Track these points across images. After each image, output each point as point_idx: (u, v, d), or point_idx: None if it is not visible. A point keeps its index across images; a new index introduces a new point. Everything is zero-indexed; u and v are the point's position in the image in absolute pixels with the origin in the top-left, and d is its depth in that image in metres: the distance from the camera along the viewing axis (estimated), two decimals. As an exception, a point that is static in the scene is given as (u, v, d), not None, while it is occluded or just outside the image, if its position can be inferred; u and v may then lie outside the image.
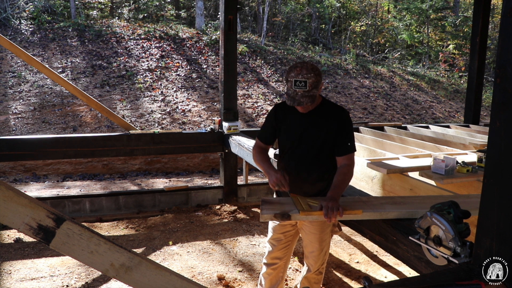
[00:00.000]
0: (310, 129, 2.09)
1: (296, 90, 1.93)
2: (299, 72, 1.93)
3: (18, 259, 3.33)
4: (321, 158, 2.12)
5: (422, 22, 15.72)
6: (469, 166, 2.57)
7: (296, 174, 2.13)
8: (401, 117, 9.37)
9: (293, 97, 1.94)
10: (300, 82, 1.92)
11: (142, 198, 4.57)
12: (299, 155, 2.12)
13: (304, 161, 2.12)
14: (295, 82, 1.92)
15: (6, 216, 0.95)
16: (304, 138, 2.10)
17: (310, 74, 1.93)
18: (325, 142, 2.08)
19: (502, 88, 1.17)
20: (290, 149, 2.15)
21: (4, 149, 3.97)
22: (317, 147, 2.09)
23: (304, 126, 2.10)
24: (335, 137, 2.08)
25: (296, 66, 1.96)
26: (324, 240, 2.24)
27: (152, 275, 1.04)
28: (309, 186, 2.14)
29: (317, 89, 1.99)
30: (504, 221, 1.19)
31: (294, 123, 2.13)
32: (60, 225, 0.98)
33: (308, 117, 2.09)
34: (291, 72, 1.95)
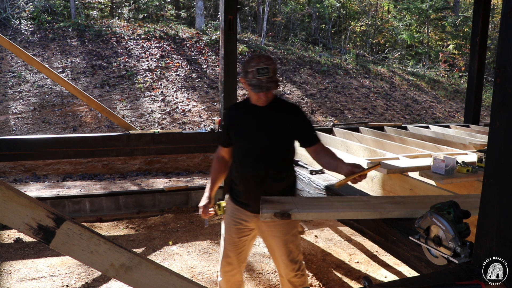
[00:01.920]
0: (266, 127, 2.03)
1: (260, 78, 1.88)
2: (260, 61, 1.90)
3: (18, 259, 3.33)
4: (279, 156, 2.07)
5: (422, 22, 15.72)
6: (469, 166, 2.57)
7: (254, 174, 2.06)
8: (401, 117, 9.37)
9: (259, 85, 1.89)
10: (262, 69, 1.88)
11: (142, 198, 4.57)
12: (256, 154, 2.05)
13: (261, 160, 2.04)
14: (258, 70, 1.87)
15: (6, 216, 0.95)
16: (260, 136, 2.04)
17: (270, 61, 1.91)
18: (282, 139, 2.05)
19: (502, 88, 1.17)
20: (246, 149, 2.07)
21: (4, 149, 3.97)
22: (274, 145, 2.04)
23: (259, 124, 2.05)
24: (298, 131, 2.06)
25: (253, 57, 1.93)
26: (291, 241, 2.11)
27: (152, 275, 1.04)
28: (267, 186, 2.06)
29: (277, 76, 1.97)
30: (504, 221, 1.19)
31: (248, 122, 2.07)
32: (60, 225, 0.98)
33: (263, 114, 2.04)
34: (250, 63, 1.91)
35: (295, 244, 2.13)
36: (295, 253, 2.12)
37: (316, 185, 2.61)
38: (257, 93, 1.93)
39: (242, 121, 2.09)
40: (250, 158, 2.06)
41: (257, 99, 2.00)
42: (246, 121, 2.07)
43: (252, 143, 2.05)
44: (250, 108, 2.07)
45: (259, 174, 2.04)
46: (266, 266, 3.29)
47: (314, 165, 3.46)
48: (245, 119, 2.08)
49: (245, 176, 2.08)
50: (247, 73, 1.92)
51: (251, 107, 2.07)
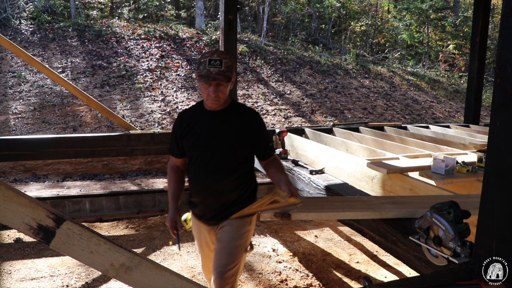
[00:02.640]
0: (221, 134, 1.86)
1: (210, 69, 1.71)
2: (213, 53, 1.76)
3: (18, 259, 3.33)
4: (236, 166, 1.89)
5: (422, 22, 15.71)
6: (469, 166, 2.57)
7: (208, 184, 1.89)
8: (401, 117, 9.37)
9: (207, 75, 1.72)
10: (215, 60, 1.72)
11: (142, 198, 4.57)
12: (210, 165, 1.87)
13: (217, 171, 1.87)
14: (209, 61, 1.72)
15: (6, 216, 0.95)
16: (215, 144, 1.86)
17: (225, 56, 1.77)
18: (238, 147, 1.87)
19: (502, 88, 1.17)
20: (199, 158, 1.89)
21: (4, 149, 3.97)
22: (229, 153, 1.87)
23: (213, 131, 1.86)
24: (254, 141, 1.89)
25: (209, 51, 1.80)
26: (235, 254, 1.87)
27: (152, 275, 1.04)
28: (223, 199, 1.91)
29: (232, 74, 1.78)
30: (504, 221, 1.19)
31: (202, 129, 1.87)
32: (60, 225, 0.98)
33: (218, 120, 1.86)
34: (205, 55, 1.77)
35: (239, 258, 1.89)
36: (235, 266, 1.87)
37: (316, 185, 2.61)
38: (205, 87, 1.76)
39: (194, 128, 1.89)
40: (204, 169, 1.88)
41: (206, 98, 1.80)
42: (199, 128, 1.88)
43: (206, 153, 1.87)
44: (204, 113, 1.89)
45: (214, 186, 1.89)
46: (266, 266, 3.30)
47: (314, 165, 3.47)
48: (198, 126, 1.88)
49: (199, 188, 1.93)
50: (199, 65, 1.76)
51: (204, 112, 1.89)
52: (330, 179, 2.68)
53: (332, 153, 3.32)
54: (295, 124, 8.05)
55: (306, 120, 8.36)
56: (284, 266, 3.31)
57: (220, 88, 1.76)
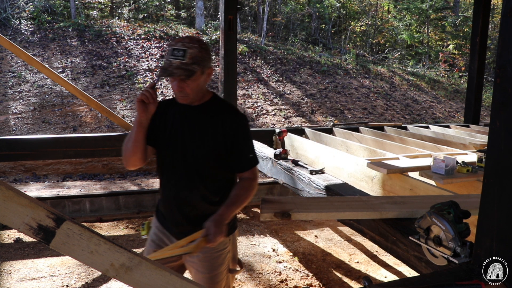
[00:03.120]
0: (193, 133, 1.60)
1: (171, 61, 1.47)
2: (180, 40, 1.50)
3: (18, 259, 3.33)
4: (208, 172, 1.62)
5: (422, 22, 15.72)
6: (469, 166, 2.57)
7: (178, 194, 1.63)
8: (401, 117, 9.37)
9: (166, 68, 1.48)
10: (178, 50, 1.47)
11: (142, 198, 4.57)
12: (182, 169, 1.62)
13: (185, 175, 1.61)
14: (172, 50, 1.48)
15: (6, 216, 0.95)
16: (185, 144, 1.60)
17: (193, 45, 1.50)
18: (212, 150, 1.60)
19: (502, 88, 1.17)
20: (170, 161, 1.64)
21: (4, 149, 3.97)
22: (202, 157, 1.60)
23: (185, 129, 1.61)
24: (231, 147, 1.61)
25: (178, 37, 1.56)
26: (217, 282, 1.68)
27: (152, 275, 1.04)
28: (190, 209, 1.64)
29: (200, 67, 1.51)
30: (504, 221, 1.19)
31: (174, 126, 1.63)
32: (60, 225, 0.98)
33: (191, 116, 1.61)
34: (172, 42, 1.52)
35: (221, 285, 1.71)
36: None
37: (316, 185, 2.61)
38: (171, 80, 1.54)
39: (167, 122, 1.64)
40: (175, 174, 1.64)
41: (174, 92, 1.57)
42: (173, 124, 1.63)
43: (178, 155, 1.61)
44: (177, 107, 1.64)
45: (184, 195, 1.63)
46: (266, 266, 3.30)
47: (314, 165, 3.47)
48: (171, 121, 1.64)
49: (168, 195, 1.68)
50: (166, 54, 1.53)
51: (178, 106, 1.63)
52: (330, 179, 2.68)
53: (332, 153, 3.32)
54: (295, 124, 8.05)
55: (306, 120, 8.36)
56: (284, 266, 3.31)
57: (187, 82, 1.51)
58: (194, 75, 1.50)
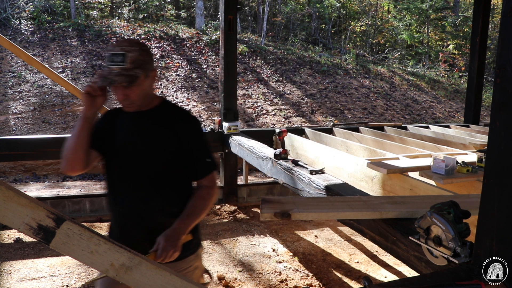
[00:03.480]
0: (146, 141, 1.51)
1: (111, 67, 1.38)
2: (118, 44, 1.41)
3: (18, 259, 3.33)
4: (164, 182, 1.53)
5: (422, 22, 15.72)
6: (469, 166, 2.57)
7: (130, 208, 1.53)
8: (401, 117, 9.37)
9: (106, 76, 1.39)
10: (116, 56, 1.38)
11: (142, 198, 4.56)
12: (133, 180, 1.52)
13: (141, 188, 1.51)
14: (110, 56, 1.39)
15: (6, 216, 0.95)
16: (138, 154, 1.51)
17: (133, 48, 1.41)
18: (168, 158, 1.52)
19: (502, 88, 1.17)
20: (121, 172, 1.54)
21: (4, 149, 3.97)
22: (156, 167, 1.51)
23: (136, 138, 1.52)
24: (187, 153, 1.53)
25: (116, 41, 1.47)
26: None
27: (152, 275, 1.04)
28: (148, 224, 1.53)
29: (143, 71, 1.42)
30: (504, 221, 1.19)
31: (123, 135, 1.54)
32: (60, 225, 0.98)
33: (139, 123, 1.53)
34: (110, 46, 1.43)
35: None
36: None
37: (316, 185, 2.61)
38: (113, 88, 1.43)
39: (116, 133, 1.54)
40: (129, 187, 1.53)
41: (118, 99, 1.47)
42: (122, 134, 1.54)
43: (130, 166, 1.52)
44: (126, 115, 1.55)
45: (141, 209, 1.52)
46: (266, 266, 3.30)
47: (314, 165, 3.47)
48: (121, 131, 1.54)
49: (122, 212, 1.55)
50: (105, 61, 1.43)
51: (127, 114, 1.54)
52: (330, 179, 2.68)
53: (332, 153, 3.32)
54: (295, 124, 8.05)
55: (306, 120, 8.36)
56: (284, 266, 3.31)
57: (131, 89, 1.43)
58: (138, 80, 1.41)
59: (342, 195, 2.34)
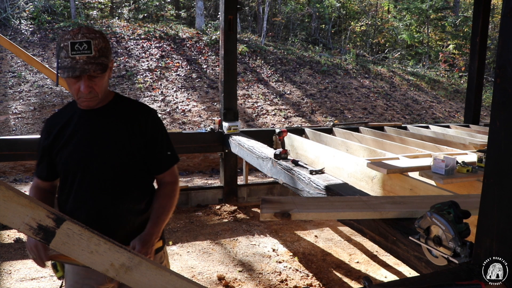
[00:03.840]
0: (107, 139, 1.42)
1: (76, 58, 1.26)
2: (77, 32, 1.28)
3: (18, 259, 3.33)
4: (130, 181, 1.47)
5: (422, 22, 15.72)
6: (469, 166, 2.57)
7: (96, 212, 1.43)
8: (401, 117, 9.37)
9: (72, 66, 1.26)
10: (80, 44, 1.26)
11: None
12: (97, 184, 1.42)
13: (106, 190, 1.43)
14: (72, 45, 1.26)
15: (6, 216, 0.95)
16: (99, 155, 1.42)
17: (95, 35, 1.31)
18: (132, 156, 1.45)
19: (502, 88, 1.17)
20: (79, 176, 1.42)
21: (4, 149, 3.97)
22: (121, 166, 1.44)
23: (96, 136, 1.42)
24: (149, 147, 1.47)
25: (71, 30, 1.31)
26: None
27: (152, 275, 1.04)
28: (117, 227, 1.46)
29: (107, 59, 1.34)
30: (504, 221, 1.19)
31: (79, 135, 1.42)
32: (60, 225, 0.98)
33: (99, 120, 1.43)
34: (64, 36, 1.28)
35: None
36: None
37: (316, 185, 2.61)
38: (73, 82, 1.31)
39: (68, 136, 1.42)
40: (92, 192, 1.43)
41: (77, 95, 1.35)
42: (75, 134, 1.42)
43: (89, 168, 1.41)
44: (78, 114, 1.43)
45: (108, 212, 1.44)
46: (266, 266, 3.30)
47: (314, 165, 3.47)
48: (73, 132, 1.42)
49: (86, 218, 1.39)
50: (59, 51, 1.29)
51: (79, 113, 1.44)
52: (330, 179, 2.68)
53: (332, 153, 3.32)
54: (295, 124, 8.05)
55: (306, 120, 8.36)
56: (284, 266, 3.31)
57: (95, 80, 1.32)
58: (107, 69, 1.34)
59: (342, 195, 2.34)
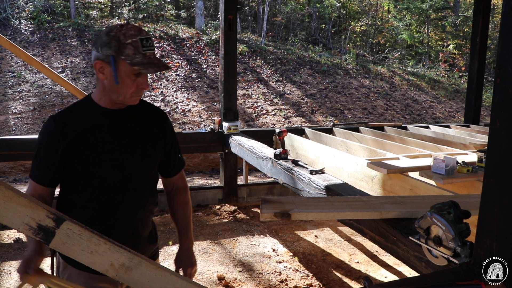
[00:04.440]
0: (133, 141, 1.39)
1: (147, 53, 1.26)
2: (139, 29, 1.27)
3: (18, 259, 3.33)
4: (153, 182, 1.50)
5: (422, 22, 15.72)
6: (469, 166, 2.56)
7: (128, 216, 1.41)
8: (401, 117, 9.37)
9: (150, 62, 1.26)
10: (146, 40, 1.26)
11: (142, 198, 4.56)
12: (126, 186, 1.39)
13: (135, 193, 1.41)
14: (141, 41, 1.25)
15: (5, 216, 0.95)
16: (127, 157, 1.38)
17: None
18: (155, 158, 1.46)
19: (502, 88, 1.17)
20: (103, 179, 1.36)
21: (4, 149, 3.97)
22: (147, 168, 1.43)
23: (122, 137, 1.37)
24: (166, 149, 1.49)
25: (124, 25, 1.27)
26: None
27: (152, 275, 1.04)
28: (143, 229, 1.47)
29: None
30: (504, 221, 1.19)
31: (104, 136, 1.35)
32: (60, 225, 0.98)
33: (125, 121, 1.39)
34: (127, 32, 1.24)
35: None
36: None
37: (316, 185, 2.61)
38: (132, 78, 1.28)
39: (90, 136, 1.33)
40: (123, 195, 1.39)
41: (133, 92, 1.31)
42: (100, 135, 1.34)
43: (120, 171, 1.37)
44: (102, 114, 1.35)
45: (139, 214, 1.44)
46: (266, 266, 3.29)
47: (314, 165, 3.47)
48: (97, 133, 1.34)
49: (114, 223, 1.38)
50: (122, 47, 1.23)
51: (103, 112, 1.36)
52: (330, 179, 2.68)
53: (332, 153, 3.32)
54: (295, 124, 8.05)
55: (306, 120, 8.36)
56: (284, 266, 3.31)
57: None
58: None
59: (342, 195, 2.34)
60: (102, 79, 1.29)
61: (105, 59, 1.26)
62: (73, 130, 1.32)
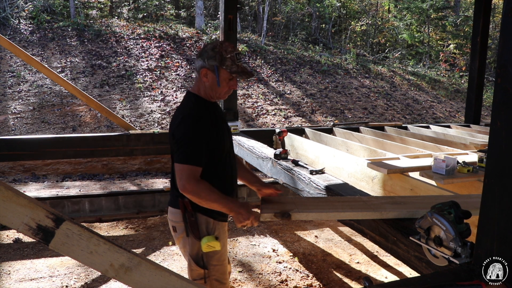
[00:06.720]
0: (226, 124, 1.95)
1: (240, 64, 1.75)
2: (233, 47, 1.76)
3: (17, 259, 3.33)
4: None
5: (422, 22, 15.71)
6: (469, 166, 2.56)
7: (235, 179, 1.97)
8: (402, 117, 9.36)
9: (243, 71, 1.75)
10: (239, 54, 1.75)
11: (141, 198, 4.56)
12: (230, 154, 1.92)
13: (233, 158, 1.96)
14: (237, 56, 1.74)
15: (5, 216, 0.94)
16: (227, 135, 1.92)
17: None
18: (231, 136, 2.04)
19: (503, 88, 1.17)
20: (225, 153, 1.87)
21: (4, 149, 3.97)
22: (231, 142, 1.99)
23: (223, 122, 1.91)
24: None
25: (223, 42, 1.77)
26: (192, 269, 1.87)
27: (151, 275, 1.04)
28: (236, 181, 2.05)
29: None
30: (504, 221, 1.19)
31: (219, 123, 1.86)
32: (59, 225, 0.98)
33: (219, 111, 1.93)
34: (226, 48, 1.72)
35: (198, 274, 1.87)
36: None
37: (316, 185, 2.61)
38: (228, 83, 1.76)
39: (216, 123, 1.82)
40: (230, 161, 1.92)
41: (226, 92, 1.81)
42: (217, 122, 1.84)
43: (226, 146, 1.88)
44: (212, 106, 1.86)
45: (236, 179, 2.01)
46: (266, 267, 3.29)
47: (314, 165, 3.46)
48: (216, 121, 1.83)
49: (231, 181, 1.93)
50: (224, 60, 1.71)
51: (212, 105, 1.86)
52: (330, 179, 2.68)
53: (332, 153, 3.31)
54: (295, 124, 8.04)
55: (306, 120, 8.36)
56: (284, 266, 3.31)
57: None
58: None
59: (343, 195, 2.34)
60: (205, 82, 1.77)
61: (210, 68, 1.73)
62: (209, 120, 1.76)
